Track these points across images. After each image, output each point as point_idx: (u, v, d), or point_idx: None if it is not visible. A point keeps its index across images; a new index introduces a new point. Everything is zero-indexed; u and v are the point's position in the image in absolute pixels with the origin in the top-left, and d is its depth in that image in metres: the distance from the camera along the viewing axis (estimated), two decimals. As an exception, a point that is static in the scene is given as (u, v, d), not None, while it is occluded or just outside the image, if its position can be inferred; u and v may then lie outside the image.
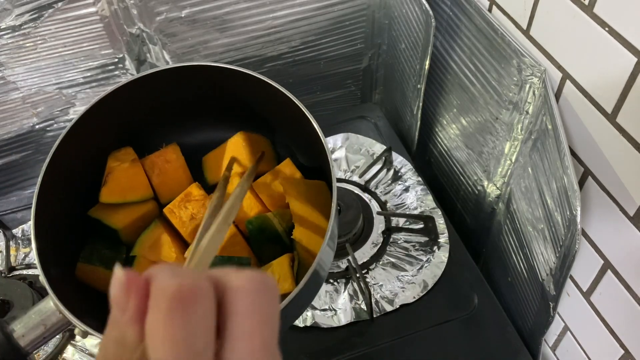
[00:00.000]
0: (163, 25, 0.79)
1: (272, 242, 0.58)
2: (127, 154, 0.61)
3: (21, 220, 0.86)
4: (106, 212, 0.58)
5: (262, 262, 0.58)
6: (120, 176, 0.59)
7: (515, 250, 0.71)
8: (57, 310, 0.47)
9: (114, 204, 0.59)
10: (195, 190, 0.61)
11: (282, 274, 0.54)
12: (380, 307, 0.72)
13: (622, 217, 0.51)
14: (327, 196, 0.56)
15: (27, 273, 0.78)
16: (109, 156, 0.60)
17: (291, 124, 0.57)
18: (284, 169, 0.61)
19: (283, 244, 0.58)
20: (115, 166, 0.59)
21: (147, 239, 0.59)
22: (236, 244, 0.58)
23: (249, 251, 0.59)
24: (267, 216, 0.58)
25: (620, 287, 0.54)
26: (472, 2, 0.67)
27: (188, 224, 0.59)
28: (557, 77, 0.56)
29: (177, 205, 0.60)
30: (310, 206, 0.55)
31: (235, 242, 0.58)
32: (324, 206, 0.54)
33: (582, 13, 0.50)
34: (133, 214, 0.59)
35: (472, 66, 0.72)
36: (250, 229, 0.58)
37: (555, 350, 0.69)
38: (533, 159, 0.63)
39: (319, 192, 0.58)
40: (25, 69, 0.78)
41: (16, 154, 0.88)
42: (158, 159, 0.62)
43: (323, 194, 0.57)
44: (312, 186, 0.59)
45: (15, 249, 0.81)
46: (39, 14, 0.73)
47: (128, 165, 0.59)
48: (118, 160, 0.60)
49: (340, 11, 0.86)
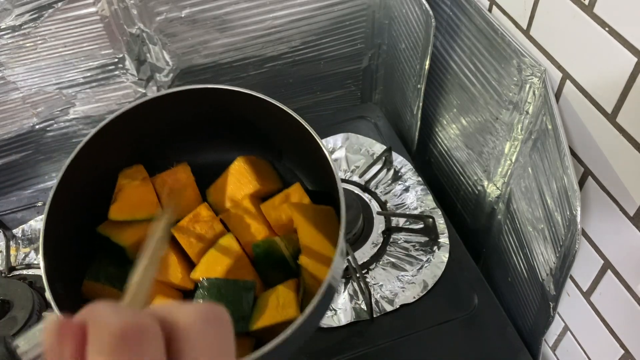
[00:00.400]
0: (163, 25, 0.79)
1: (278, 267, 0.57)
2: (137, 172, 0.61)
3: (21, 220, 0.86)
4: (115, 229, 0.58)
5: (268, 286, 0.57)
6: (130, 194, 0.59)
7: (515, 250, 0.71)
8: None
9: (122, 222, 0.58)
10: (204, 210, 0.61)
11: (287, 299, 0.53)
12: (380, 307, 0.72)
13: (622, 217, 0.51)
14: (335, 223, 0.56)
15: (27, 273, 0.78)
16: (120, 173, 0.60)
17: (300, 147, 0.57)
18: (292, 194, 0.60)
19: (289, 269, 0.57)
20: (126, 184, 0.59)
21: None
22: (242, 267, 0.58)
23: (254, 274, 0.59)
24: (274, 240, 0.58)
25: (620, 287, 0.54)
26: (472, 2, 0.67)
27: (195, 244, 0.59)
28: (557, 77, 0.56)
29: (185, 225, 0.60)
30: (318, 233, 0.55)
31: (241, 265, 0.58)
32: (331, 233, 0.54)
33: (582, 13, 0.50)
34: (141, 231, 0.59)
35: (472, 66, 0.72)
36: (257, 252, 0.58)
37: (555, 350, 0.69)
38: (533, 159, 0.63)
39: (327, 218, 0.57)
40: (25, 69, 0.78)
41: (16, 154, 0.88)
42: (168, 177, 0.62)
43: (331, 221, 0.57)
44: (320, 212, 0.58)
45: (15, 249, 0.81)
46: (39, 14, 0.73)
47: (138, 183, 0.59)
48: (128, 177, 0.60)
49: (340, 11, 0.86)
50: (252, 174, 0.61)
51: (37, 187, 0.93)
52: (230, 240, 0.59)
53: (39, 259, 0.49)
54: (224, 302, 0.53)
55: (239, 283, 0.55)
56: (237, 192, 0.62)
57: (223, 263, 0.57)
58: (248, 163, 0.62)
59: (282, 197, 0.60)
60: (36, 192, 0.92)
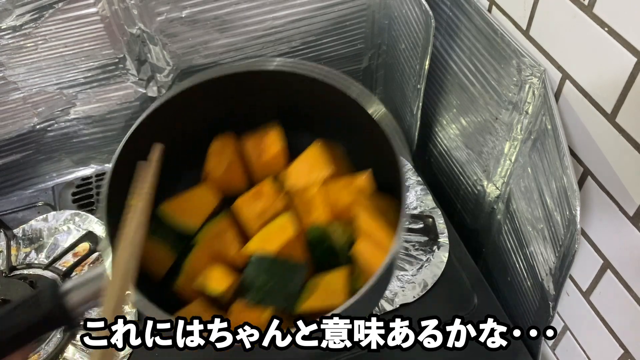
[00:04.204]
0: (163, 25, 0.79)
1: (330, 254, 0.57)
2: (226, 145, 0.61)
3: (22, 220, 0.86)
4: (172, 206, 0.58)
5: (318, 271, 0.56)
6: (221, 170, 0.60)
7: (515, 250, 0.71)
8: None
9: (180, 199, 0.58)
10: (268, 187, 0.60)
11: (337, 286, 0.53)
12: (379, 306, 0.72)
13: (622, 216, 0.51)
14: (393, 214, 0.54)
15: (27, 273, 0.78)
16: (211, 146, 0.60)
17: (363, 135, 0.56)
18: (359, 180, 0.59)
19: (340, 258, 0.57)
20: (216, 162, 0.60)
21: (211, 228, 0.58)
22: (295, 248, 0.57)
23: (306, 257, 0.58)
24: (329, 227, 0.57)
25: (619, 287, 0.54)
26: (472, 3, 0.67)
27: (255, 220, 0.58)
28: (557, 77, 0.56)
29: (247, 200, 0.59)
30: (378, 221, 0.54)
31: (295, 246, 0.57)
32: (390, 224, 0.53)
33: (582, 13, 0.50)
34: (203, 211, 0.58)
35: (471, 66, 0.72)
36: (312, 237, 0.57)
37: (555, 350, 0.69)
38: (533, 159, 0.63)
39: (389, 208, 0.56)
40: (26, 69, 0.78)
41: (17, 154, 0.88)
42: (259, 143, 0.62)
43: (392, 211, 0.55)
44: (384, 200, 0.57)
45: (16, 249, 0.81)
46: (39, 14, 0.73)
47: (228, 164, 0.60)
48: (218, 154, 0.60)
49: (340, 11, 0.86)
50: (328, 159, 0.60)
51: (38, 187, 0.93)
52: (288, 220, 0.57)
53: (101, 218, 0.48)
54: (271, 280, 0.53)
55: (290, 263, 0.55)
56: (310, 175, 0.60)
57: (277, 241, 0.56)
58: (325, 148, 0.61)
59: (346, 181, 0.59)
60: (36, 192, 0.92)
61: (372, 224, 0.54)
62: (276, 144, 0.62)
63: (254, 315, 0.52)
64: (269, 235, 0.57)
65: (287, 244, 0.56)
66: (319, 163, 0.60)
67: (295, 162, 0.62)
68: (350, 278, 0.54)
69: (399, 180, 0.51)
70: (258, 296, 0.53)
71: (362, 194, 0.57)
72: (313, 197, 0.59)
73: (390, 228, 0.52)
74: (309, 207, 0.59)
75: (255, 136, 0.63)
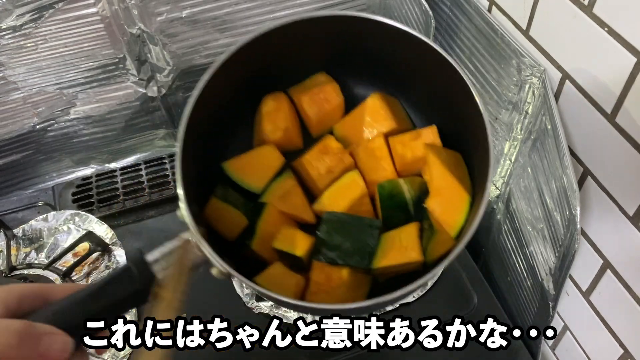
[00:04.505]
0: (164, 25, 0.79)
1: (400, 210, 0.55)
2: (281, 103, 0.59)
3: (22, 219, 0.86)
4: (238, 165, 0.57)
5: (387, 228, 0.55)
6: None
7: (515, 250, 0.72)
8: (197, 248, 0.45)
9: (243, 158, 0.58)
10: (333, 142, 0.58)
11: (410, 242, 0.52)
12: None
13: (622, 216, 0.51)
14: (464, 169, 0.54)
15: (27, 273, 0.78)
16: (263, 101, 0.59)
17: (430, 87, 0.54)
18: (426, 133, 0.57)
19: (409, 213, 0.55)
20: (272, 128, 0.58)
21: (278, 188, 0.57)
22: (363, 204, 0.56)
23: (373, 214, 0.57)
24: (398, 182, 0.55)
25: (619, 287, 0.54)
26: (472, 3, 0.67)
27: (325, 177, 0.57)
28: (557, 77, 0.56)
29: (314, 157, 0.58)
30: (450, 175, 0.52)
31: (363, 202, 0.56)
32: (462, 179, 0.52)
33: (582, 13, 0.50)
34: (269, 171, 0.58)
35: (471, 66, 0.72)
36: (382, 193, 0.55)
37: (554, 350, 0.69)
38: (532, 159, 0.63)
39: (457, 163, 0.55)
40: (26, 69, 0.78)
41: (17, 154, 0.88)
42: (317, 96, 0.60)
43: (461, 166, 0.54)
44: (452, 156, 0.55)
45: (16, 249, 0.81)
46: (39, 14, 0.73)
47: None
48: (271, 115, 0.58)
49: (340, 11, 0.86)
50: (389, 112, 0.58)
51: (38, 187, 0.93)
52: (356, 176, 0.57)
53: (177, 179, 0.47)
54: (348, 237, 0.53)
55: (365, 220, 0.54)
56: (370, 129, 0.59)
57: (346, 198, 0.55)
58: (384, 100, 0.59)
59: (413, 135, 0.57)
60: (36, 192, 0.92)
61: (447, 179, 0.52)
62: (336, 97, 0.60)
63: (334, 274, 0.52)
64: (340, 192, 0.56)
65: (357, 200, 0.55)
66: (380, 116, 0.58)
67: (351, 114, 0.60)
68: (422, 233, 0.53)
69: (483, 131, 0.48)
70: (335, 256, 0.52)
71: (431, 148, 0.55)
72: (380, 151, 0.57)
73: (462, 182, 0.51)
74: (375, 161, 0.57)
75: (308, 90, 0.60)
